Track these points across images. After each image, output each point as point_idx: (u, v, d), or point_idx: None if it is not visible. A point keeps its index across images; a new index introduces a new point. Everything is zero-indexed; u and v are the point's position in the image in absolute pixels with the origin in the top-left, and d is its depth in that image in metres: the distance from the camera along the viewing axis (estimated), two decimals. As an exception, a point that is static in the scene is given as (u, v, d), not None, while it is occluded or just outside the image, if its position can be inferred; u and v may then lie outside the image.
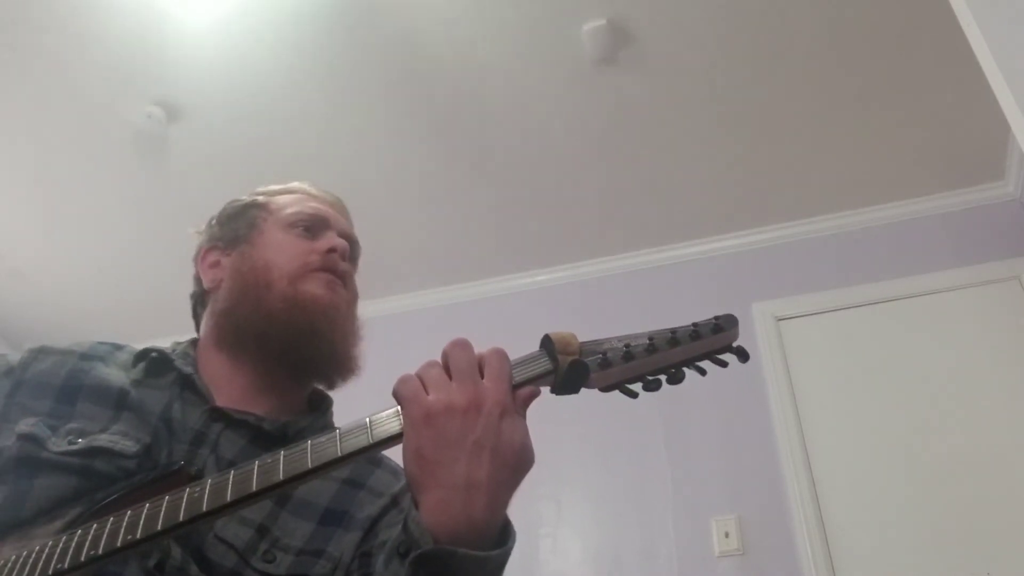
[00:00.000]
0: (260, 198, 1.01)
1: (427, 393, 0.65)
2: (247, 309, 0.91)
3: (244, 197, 1.03)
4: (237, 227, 0.99)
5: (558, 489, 2.96)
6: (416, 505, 0.64)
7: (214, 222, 1.02)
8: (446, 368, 0.67)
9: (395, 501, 0.88)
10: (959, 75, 2.52)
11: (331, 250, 0.94)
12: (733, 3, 2.41)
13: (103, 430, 0.81)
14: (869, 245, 3.14)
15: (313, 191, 1.03)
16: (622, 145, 2.89)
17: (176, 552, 0.74)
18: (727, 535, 2.75)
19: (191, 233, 1.05)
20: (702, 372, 0.74)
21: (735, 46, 2.54)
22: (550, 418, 0.70)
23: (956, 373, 2.82)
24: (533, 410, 0.69)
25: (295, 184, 1.04)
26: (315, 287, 0.92)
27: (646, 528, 2.86)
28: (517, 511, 0.67)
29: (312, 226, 0.97)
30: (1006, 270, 2.92)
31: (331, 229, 0.98)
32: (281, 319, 0.89)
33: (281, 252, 0.94)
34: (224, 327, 0.93)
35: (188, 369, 0.89)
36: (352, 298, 0.98)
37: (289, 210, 0.98)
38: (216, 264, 0.98)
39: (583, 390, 0.71)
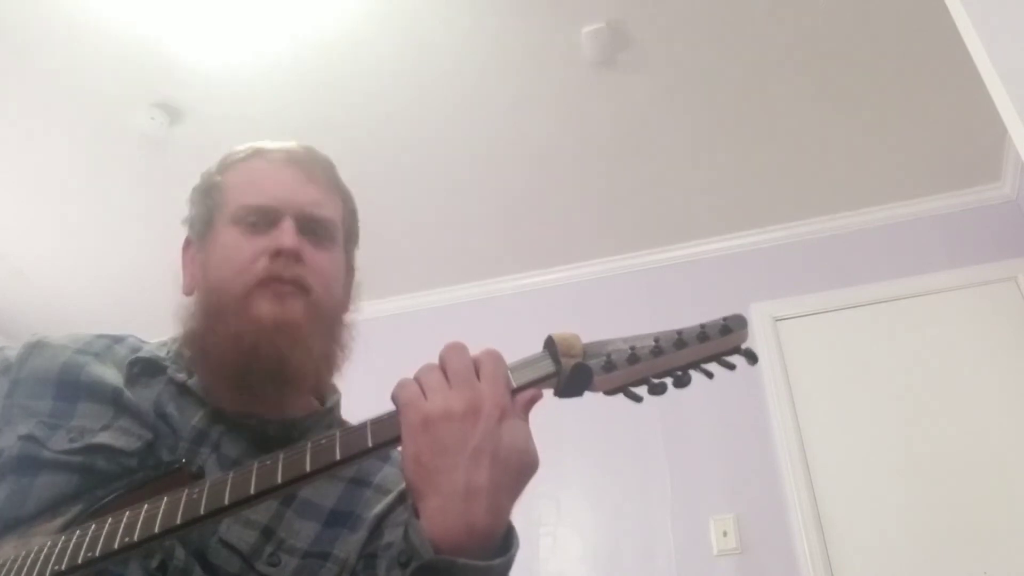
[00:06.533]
0: (218, 177, 0.92)
1: (425, 398, 0.65)
2: (209, 342, 0.84)
3: (213, 167, 0.95)
4: (200, 214, 0.92)
5: (558, 488, 2.97)
6: (416, 513, 0.63)
7: (191, 198, 0.96)
8: (443, 372, 0.66)
9: (402, 497, 0.86)
10: (956, 77, 2.53)
11: (277, 253, 0.83)
12: (731, 6, 2.42)
13: (104, 427, 0.80)
14: (866, 246, 3.16)
15: (275, 154, 0.91)
16: (621, 146, 2.90)
17: (179, 553, 0.74)
18: (725, 534, 2.76)
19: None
20: (709, 375, 0.71)
21: (733, 49, 2.55)
22: (549, 417, 0.70)
23: (953, 374, 2.83)
24: (532, 409, 0.69)
25: (259, 146, 0.94)
26: (260, 306, 0.82)
27: (645, 527, 2.87)
28: (517, 510, 0.67)
29: (259, 220, 0.85)
30: (1002, 271, 2.93)
31: (283, 218, 0.85)
32: (232, 359, 0.82)
33: (228, 260, 0.85)
34: (194, 353, 0.86)
35: (181, 376, 0.86)
36: (318, 297, 0.85)
37: (236, 201, 0.87)
38: (194, 260, 0.92)
39: (587, 393, 0.70)
